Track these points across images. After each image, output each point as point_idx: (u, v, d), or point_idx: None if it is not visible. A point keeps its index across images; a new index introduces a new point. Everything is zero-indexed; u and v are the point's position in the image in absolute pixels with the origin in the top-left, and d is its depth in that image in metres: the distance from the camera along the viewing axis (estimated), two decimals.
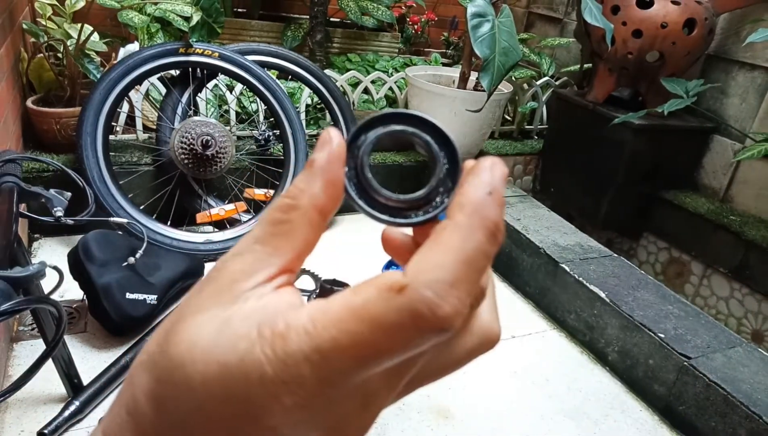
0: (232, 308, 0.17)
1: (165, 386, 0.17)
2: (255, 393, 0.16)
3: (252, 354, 0.16)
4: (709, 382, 1.14)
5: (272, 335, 0.16)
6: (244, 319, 0.16)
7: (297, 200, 0.19)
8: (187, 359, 0.16)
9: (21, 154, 1.12)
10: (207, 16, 1.65)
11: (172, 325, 0.17)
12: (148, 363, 0.17)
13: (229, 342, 0.16)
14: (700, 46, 1.88)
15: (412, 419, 1.14)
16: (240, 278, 0.18)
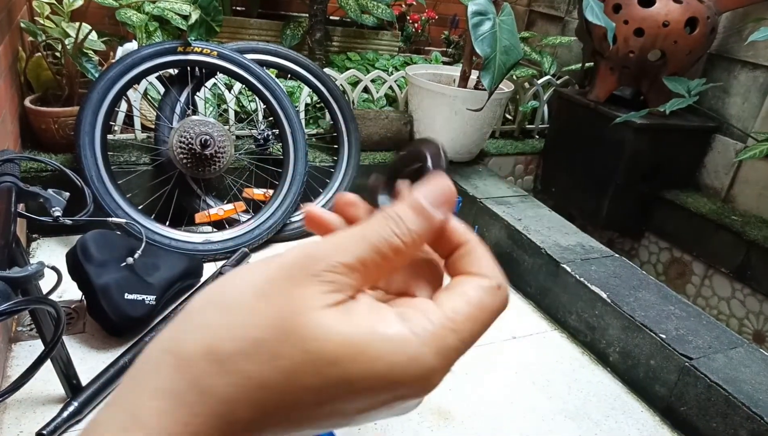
0: (356, 311, 0.19)
1: (301, 378, 0.18)
2: (420, 385, 0.19)
3: (420, 352, 0.19)
4: (710, 383, 1.13)
5: (430, 335, 0.19)
6: (388, 324, 0.19)
7: (407, 248, 0.21)
8: (343, 357, 0.18)
9: (19, 154, 1.11)
10: (205, 14, 1.64)
11: (289, 321, 0.18)
12: (258, 356, 0.18)
13: (390, 344, 0.19)
14: (702, 45, 1.87)
15: (412, 420, 1.14)
16: (343, 288, 0.20)
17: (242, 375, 0.18)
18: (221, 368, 0.18)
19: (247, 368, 0.18)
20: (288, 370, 0.18)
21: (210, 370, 0.18)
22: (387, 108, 2.15)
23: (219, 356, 0.18)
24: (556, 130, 2.32)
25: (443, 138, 2.01)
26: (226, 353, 0.18)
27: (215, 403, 0.18)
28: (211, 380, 0.18)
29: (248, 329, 0.18)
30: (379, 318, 0.19)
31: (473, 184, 1.93)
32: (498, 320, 0.22)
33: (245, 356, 0.18)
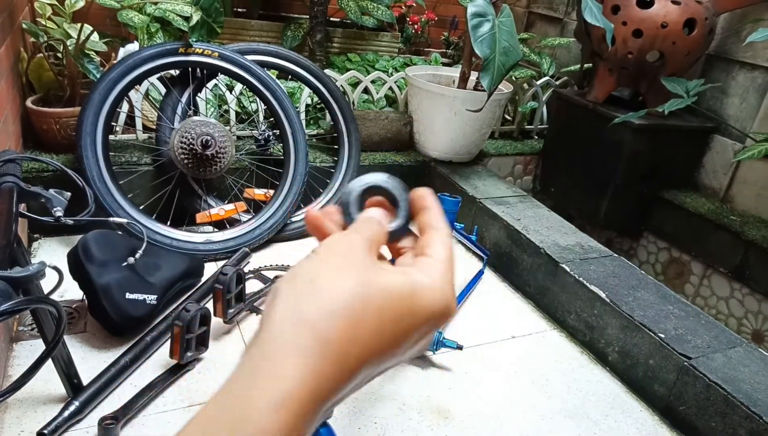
0: (395, 271, 0.28)
1: (386, 314, 0.26)
2: (448, 311, 0.29)
3: (443, 289, 0.29)
4: (709, 382, 1.14)
5: (441, 275, 0.29)
6: (418, 275, 0.28)
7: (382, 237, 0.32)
8: (406, 296, 0.27)
9: (21, 154, 1.12)
10: (207, 15, 1.65)
11: (371, 283, 0.27)
12: (354, 309, 0.25)
13: (427, 287, 0.28)
14: (700, 45, 1.88)
15: (412, 420, 1.14)
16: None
17: (348, 322, 0.25)
18: (333, 321, 0.25)
19: (350, 317, 0.25)
20: (378, 310, 0.26)
21: (328, 325, 0.24)
22: (387, 109, 2.15)
23: (332, 314, 0.25)
24: (555, 131, 2.32)
25: (443, 139, 2.02)
26: (335, 310, 0.25)
27: (334, 348, 0.24)
28: (329, 332, 0.24)
29: (343, 293, 0.25)
30: (411, 272, 0.28)
31: (473, 185, 1.94)
32: (497, 320, 0.30)
33: (345, 311, 0.25)
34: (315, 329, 0.24)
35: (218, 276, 1.23)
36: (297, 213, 1.75)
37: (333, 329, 0.24)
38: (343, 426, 1.10)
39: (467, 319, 1.50)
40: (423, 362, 1.31)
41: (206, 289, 1.39)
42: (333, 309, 0.25)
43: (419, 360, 1.31)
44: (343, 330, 0.25)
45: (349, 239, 0.29)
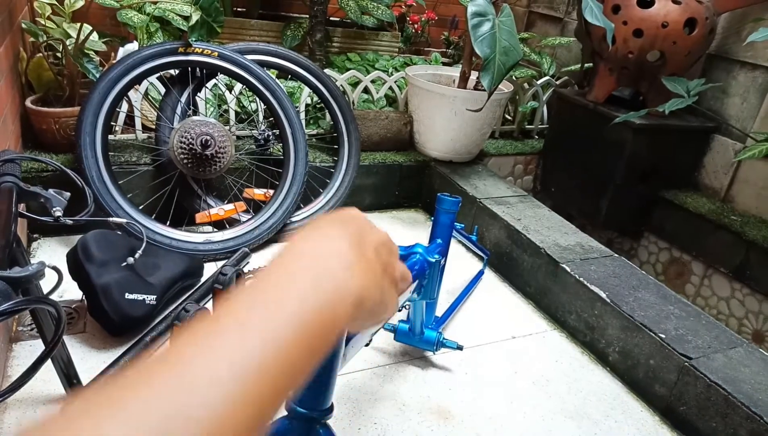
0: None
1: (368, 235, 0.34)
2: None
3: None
4: (709, 382, 1.14)
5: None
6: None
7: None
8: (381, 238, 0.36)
9: (20, 154, 1.11)
10: (206, 15, 1.64)
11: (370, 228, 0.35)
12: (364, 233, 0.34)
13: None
14: (701, 45, 1.87)
15: (412, 420, 1.14)
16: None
17: (363, 238, 0.33)
18: (362, 237, 0.33)
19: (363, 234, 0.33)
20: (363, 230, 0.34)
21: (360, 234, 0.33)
22: (387, 108, 2.15)
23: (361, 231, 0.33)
24: (555, 131, 2.32)
25: (443, 138, 2.02)
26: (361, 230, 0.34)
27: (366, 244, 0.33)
28: (359, 237, 0.33)
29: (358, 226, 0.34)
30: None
31: (473, 185, 1.94)
32: (498, 320, 0.33)
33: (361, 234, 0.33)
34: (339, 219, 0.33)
35: (218, 276, 1.23)
36: (297, 213, 1.75)
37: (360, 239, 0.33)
38: (343, 427, 1.10)
39: (467, 319, 1.49)
40: (423, 363, 1.31)
41: (206, 289, 1.39)
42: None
43: (419, 360, 1.31)
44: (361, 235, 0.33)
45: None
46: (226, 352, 0.22)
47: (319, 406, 0.48)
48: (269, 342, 0.24)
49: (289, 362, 0.24)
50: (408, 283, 0.37)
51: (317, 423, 0.48)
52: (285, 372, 0.24)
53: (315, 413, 0.47)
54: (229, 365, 0.22)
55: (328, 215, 0.33)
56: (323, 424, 0.49)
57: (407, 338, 1.27)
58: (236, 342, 0.23)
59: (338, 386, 1.19)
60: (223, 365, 0.22)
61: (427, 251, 0.92)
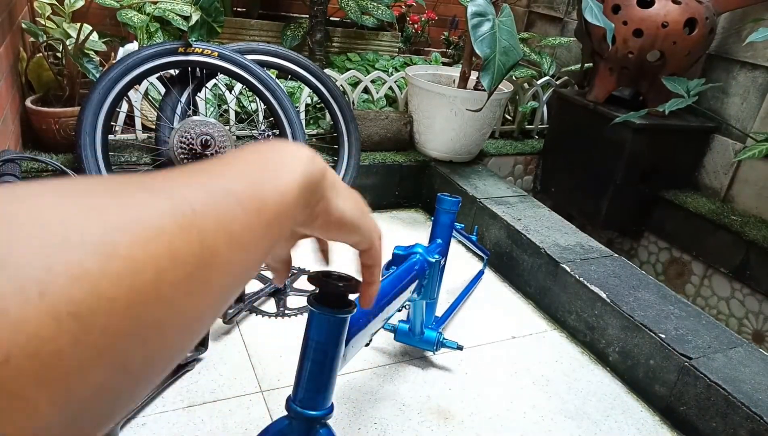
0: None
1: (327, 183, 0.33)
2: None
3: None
4: (710, 382, 1.14)
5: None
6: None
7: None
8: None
9: (20, 154, 1.11)
10: (206, 15, 1.64)
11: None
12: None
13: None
14: (701, 45, 1.87)
15: (412, 420, 1.14)
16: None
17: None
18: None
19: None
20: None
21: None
22: (387, 108, 2.15)
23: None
24: (555, 131, 2.32)
25: (443, 138, 2.02)
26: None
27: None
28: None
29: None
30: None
31: (473, 185, 1.94)
32: (498, 320, 0.28)
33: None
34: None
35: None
36: None
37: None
38: (342, 427, 1.10)
39: (467, 319, 1.49)
40: (423, 362, 1.31)
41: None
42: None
43: (420, 360, 1.31)
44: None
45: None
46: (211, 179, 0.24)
47: (320, 406, 0.48)
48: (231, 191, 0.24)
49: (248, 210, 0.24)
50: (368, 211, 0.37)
51: (317, 423, 0.48)
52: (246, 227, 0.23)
53: (315, 412, 0.47)
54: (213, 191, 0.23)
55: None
56: (323, 424, 0.49)
57: (407, 338, 1.27)
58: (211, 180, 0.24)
59: (338, 385, 1.19)
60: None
61: (427, 251, 0.92)
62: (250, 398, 1.13)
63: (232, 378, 1.17)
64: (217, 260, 0.21)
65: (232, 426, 1.06)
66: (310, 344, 0.46)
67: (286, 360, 1.24)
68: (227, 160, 0.26)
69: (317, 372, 0.47)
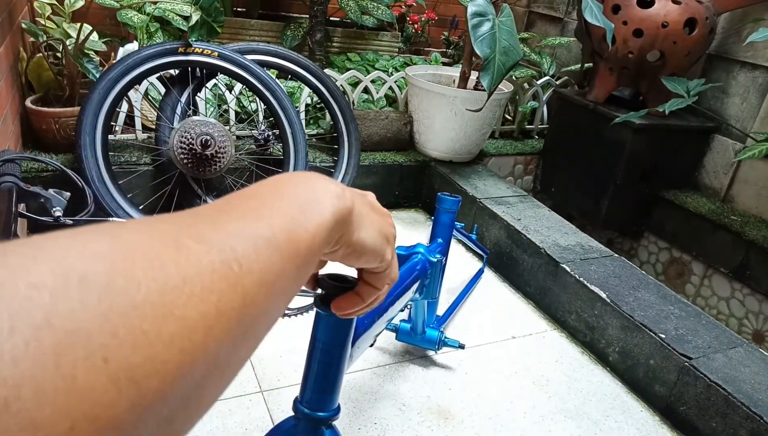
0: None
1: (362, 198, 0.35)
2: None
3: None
4: (709, 382, 1.14)
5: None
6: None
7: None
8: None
9: (20, 154, 1.11)
10: (206, 15, 1.64)
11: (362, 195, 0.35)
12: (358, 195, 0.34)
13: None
14: (701, 45, 1.87)
15: (412, 420, 1.14)
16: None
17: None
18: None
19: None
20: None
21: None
22: (387, 108, 2.15)
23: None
24: (555, 131, 2.32)
25: (443, 138, 2.02)
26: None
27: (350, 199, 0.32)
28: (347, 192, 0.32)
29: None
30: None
31: (473, 185, 1.94)
32: (498, 320, 0.28)
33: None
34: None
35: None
36: None
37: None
38: (342, 426, 1.10)
39: (468, 319, 1.49)
40: (423, 362, 1.31)
41: None
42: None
43: (420, 360, 1.31)
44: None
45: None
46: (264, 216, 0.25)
47: (326, 407, 0.48)
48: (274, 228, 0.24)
49: (285, 255, 0.24)
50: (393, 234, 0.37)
51: (324, 424, 0.48)
52: (284, 268, 0.24)
53: (322, 414, 0.47)
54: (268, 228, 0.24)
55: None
56: (329, 425, 0.49)
57: (409, 337, 1.27)
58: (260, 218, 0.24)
59: None
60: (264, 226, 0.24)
61: (428, 250, 0.92)
62: (250, 398, 1.13)
63: None
64: (256, 311, 0.22)
65: (232, 426, 1.06)
66: (317, 346, 0.46)
67: (286, 360, 1.24)
68: (264, 196, 0.26)
69: (324, 373, 0.47)
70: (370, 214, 0.34)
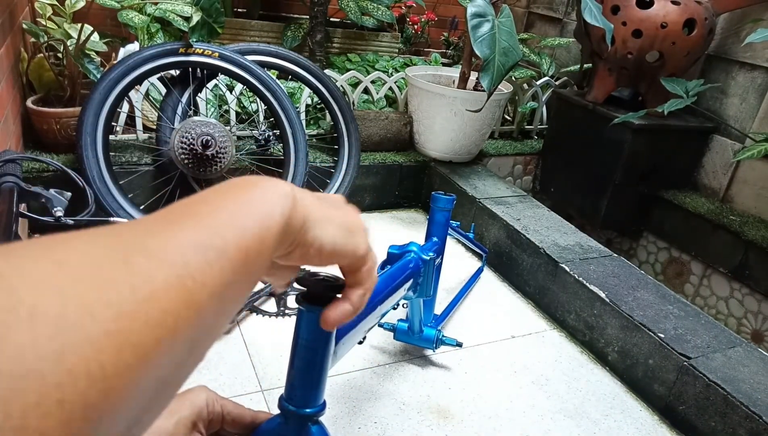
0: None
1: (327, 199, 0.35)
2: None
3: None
4: (708, 382, 1.14)
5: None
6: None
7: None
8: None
9: (21, 154, 1.12)
10: (207, 16, 1.65)
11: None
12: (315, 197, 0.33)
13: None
14: (700, 46, 1.88)
15: (412, 419, 1.15)
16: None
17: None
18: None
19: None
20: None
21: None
22: (387, 109, 2.15)
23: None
24: (554, 131, 2.33)
25: (442, 139, 2.02)
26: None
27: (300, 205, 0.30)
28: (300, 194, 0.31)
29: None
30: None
31: (472, 185, 1.94)
32: (497, 320, 0.27)
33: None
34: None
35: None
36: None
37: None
38: (342, 425, 1.11)
39: (467, 319, 1.50)
40: (423, 361, 1.31)
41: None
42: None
43: (419, 359, 1.31)
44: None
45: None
46: (214, 223, 0.24)
47: (311, 404, 0.48)
48: (226, 233, 0.24)
49: (235, 260, 0.23)
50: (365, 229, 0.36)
51: (310, 421, 0.49)
52: (233, 272, 0.23)
53: (307, 410, 0.48)
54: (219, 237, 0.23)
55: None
56: (316, 421, 0.49)
57: (407, 336, 1.27)
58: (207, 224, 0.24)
59: (338, 384, 1.20)
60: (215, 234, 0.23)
61: (421, 249, 0.93)
62: (251, 397, 1.13)
63: (233, 377, 1.17)
64: (208, 324, 0.21)
65: None
66: (299, 343, 0.47)
67: (286, 359, 1.24)
68: (211, 201, 0.25)
69: (307, 370, 0.48)
70: (327, 210, 0.32)
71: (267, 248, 0.26)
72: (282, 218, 0.27)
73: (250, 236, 0.25)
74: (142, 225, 0.22)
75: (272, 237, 0.26)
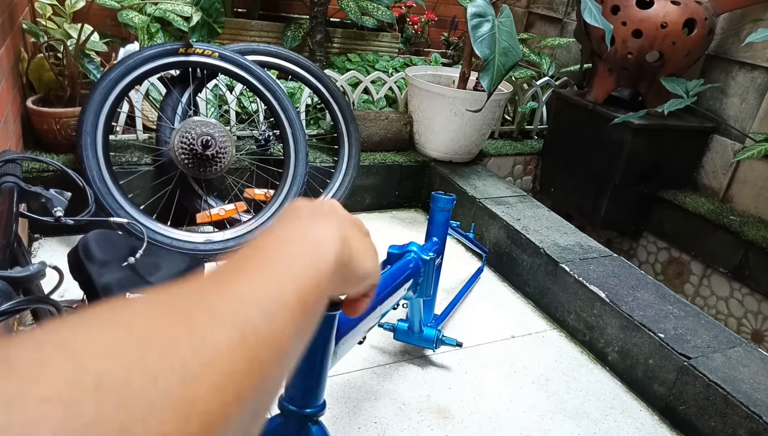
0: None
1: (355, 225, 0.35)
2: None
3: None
4: (708, 382, 1.14)
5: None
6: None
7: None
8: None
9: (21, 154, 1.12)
10: (207, 16, 1.65)
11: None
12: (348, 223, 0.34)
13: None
14: (700, 46, 1.88)
15: (412, 419, 1.15)
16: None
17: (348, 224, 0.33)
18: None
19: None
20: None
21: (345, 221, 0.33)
22: (387, 109, 2.15)
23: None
24: (554, 131, 2.33)
25: (443, 139, 2.02)
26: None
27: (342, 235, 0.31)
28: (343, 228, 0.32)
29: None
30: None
31: (472, 185, 1.94)
32: (497, 320, 0.29)
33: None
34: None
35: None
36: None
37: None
38: (342, 425, 1.11)
39: (467, 319, 1.50)
40: (423, 362, 1.31)
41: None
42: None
43: (419, 359, 1.31)
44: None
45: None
46: (271, 278, 0.24)
47: (311, 403, 0.48)
48: (283, 286, 0.24)
49: (294, 313, 0.23)
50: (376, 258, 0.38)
51: (310, 420, 0.49)
52: (294, 324, 0.23)
53: (307, 410, 0.48)
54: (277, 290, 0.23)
55: (298, 203, 0.32)
56: (316, 421, 0.49)
57: (407, 336, 1.27)
58: (263, 280, 0.24)
59: (338, 385, 1.20)
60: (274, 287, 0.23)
61: (421, 249, 0.93)
62: None
63: None
64: (270, 381, 0.21)
65: None
66: None
67: None
68: (268, 249, 0.26)
69: (308, 370, 0.48)
70: (361, 241, 0.33)
71: (322, 291, 0.26)
72: (335, 259, 0.28)
73: (309, 282, 0.25)
74: (201, 281, 0.22)
75: (327, 279, 0.27)
